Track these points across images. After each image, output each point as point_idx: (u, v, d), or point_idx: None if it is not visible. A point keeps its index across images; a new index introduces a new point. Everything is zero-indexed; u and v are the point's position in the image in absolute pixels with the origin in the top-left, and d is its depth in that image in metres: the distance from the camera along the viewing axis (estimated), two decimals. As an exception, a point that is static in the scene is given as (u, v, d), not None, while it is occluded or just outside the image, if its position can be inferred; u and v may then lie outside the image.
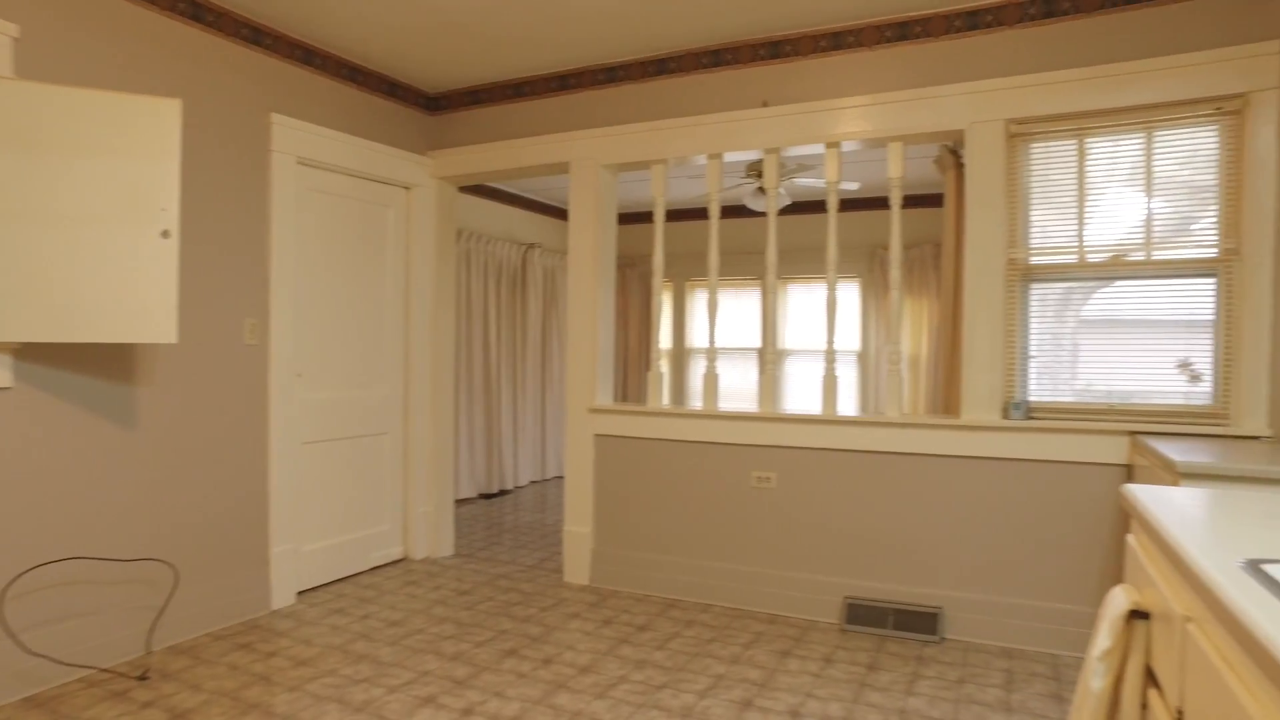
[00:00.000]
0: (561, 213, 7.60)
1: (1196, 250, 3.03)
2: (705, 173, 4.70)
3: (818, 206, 6.95)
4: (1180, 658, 1.09)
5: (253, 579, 3.53)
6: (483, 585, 4.02)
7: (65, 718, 2.55)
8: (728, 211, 7.34)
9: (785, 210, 7.07)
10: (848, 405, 7.01)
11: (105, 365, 2.96)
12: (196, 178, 3.27)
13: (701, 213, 7.55)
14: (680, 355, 7.83)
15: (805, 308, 7.24)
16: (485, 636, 3.31)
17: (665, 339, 7.85)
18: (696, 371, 7.78)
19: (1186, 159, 3.05)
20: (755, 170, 5.17)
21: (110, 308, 2.65)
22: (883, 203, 6.67)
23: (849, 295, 7.00)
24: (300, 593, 3.83)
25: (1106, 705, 1.38)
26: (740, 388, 7.49)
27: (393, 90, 4.25)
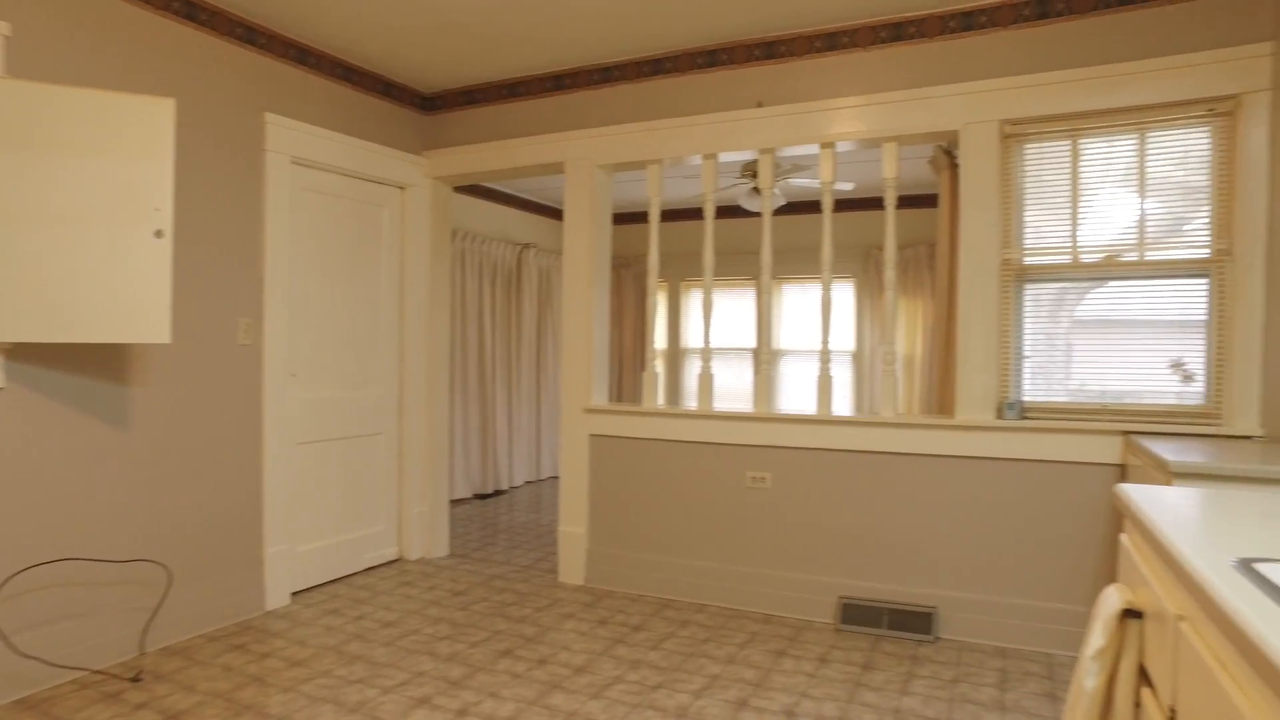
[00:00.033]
0: (557, 213, 7.60)
1: (1189, 251, 3.05)
2: (700, 173, 4.71)
3: (813, 207, 6.96)
4: (1173, 657, 1.09)
5: (247, 580, 3.52)
6: (478, 586, 4.02)
7: None
8: (723, 212, 7.35)
9: (780, 210, 7.08)
10: (843, 405, 7.02)
11: (98, 365, 2.95)
12: (190, 177, 3.26)
13: (697, 213, 7.56)
14: (675, 355, 7.83)
15: (800, 308, 7.25)
16: (480, 637, 3.31)
17: (660, 339, 7.86)
18: (691, 372, 7.79)
19: (1179, 160, 3.06)
20: (750, 170, 5.18)
21: (103, 308, 2.64)
22: (878, 203, 6.68)
23: (844, 295, 7.01)
24: (295, 593, 3.82)
25: (1100, 704, 1.38)
26: (735, 388, 7.49)
27: (388, 90, 4.25)
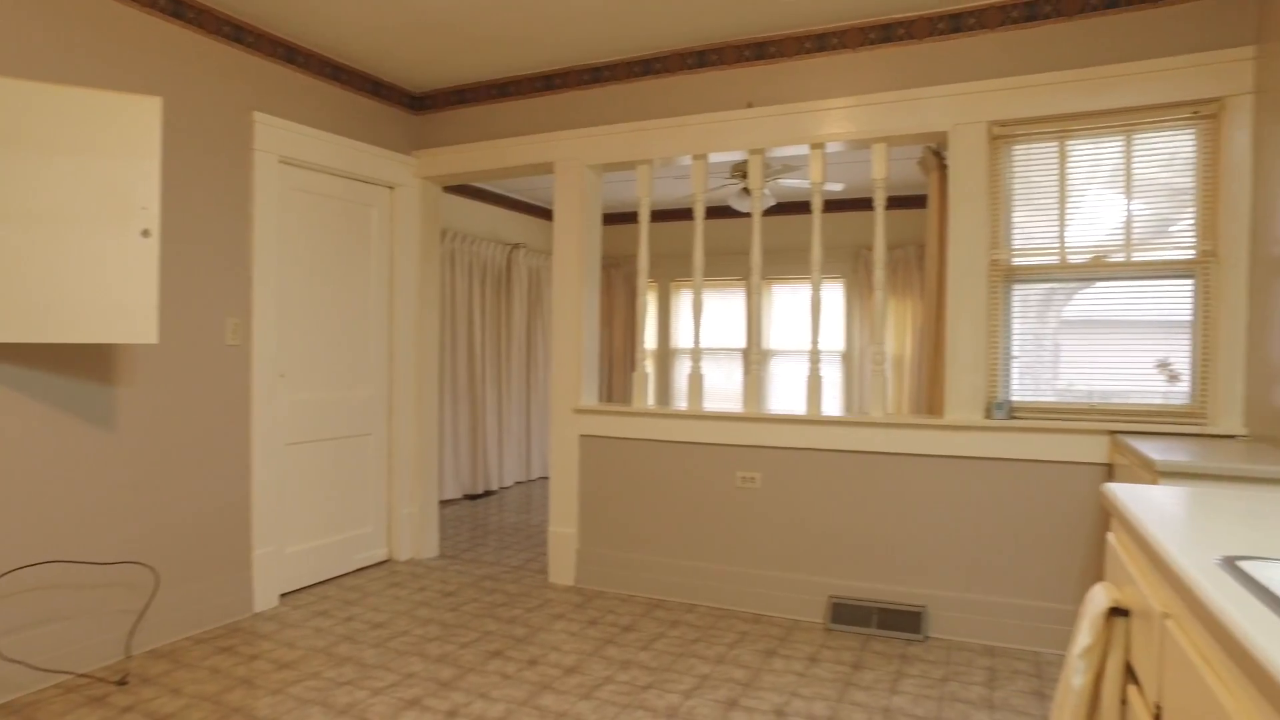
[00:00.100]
0: (546, 213, 7.59)
1: (1175, 252, 3.07)
2: (690, 173, 4.71)
3: (802, 207, 6.98)
4: (1159, 654, 1.10)
5: (235, 581, 3.50)
6: (467, 586, 4.01)
7: (43, 723, 2.52)
8: (712, 212, 7.36)
9: (770, 211, 7.10)
10: (832, 405, 7.04)
11: (84, 366, 2.93)
12: (177, 176, 3.24)
13: (686, 213, 7.57)
14: (665, 356, 7.83)
15: (790, 308, 7.26)
16: (470, 638, 3.30)
17: (650, 339, 7.85)
18: (681, 372, 7.79)
19: (1165, 162, 3.09)
20: (740, 171, 5.18)
21: (89, 308, 2.62)
22: (867, 204, 6.71)
23: (833, 296, 7.03)
24: (283, 595, 3.80)
25: (1087, 702, 1.39)
26: (725, 388, 7.50)
27: (377, 89, 4.23)
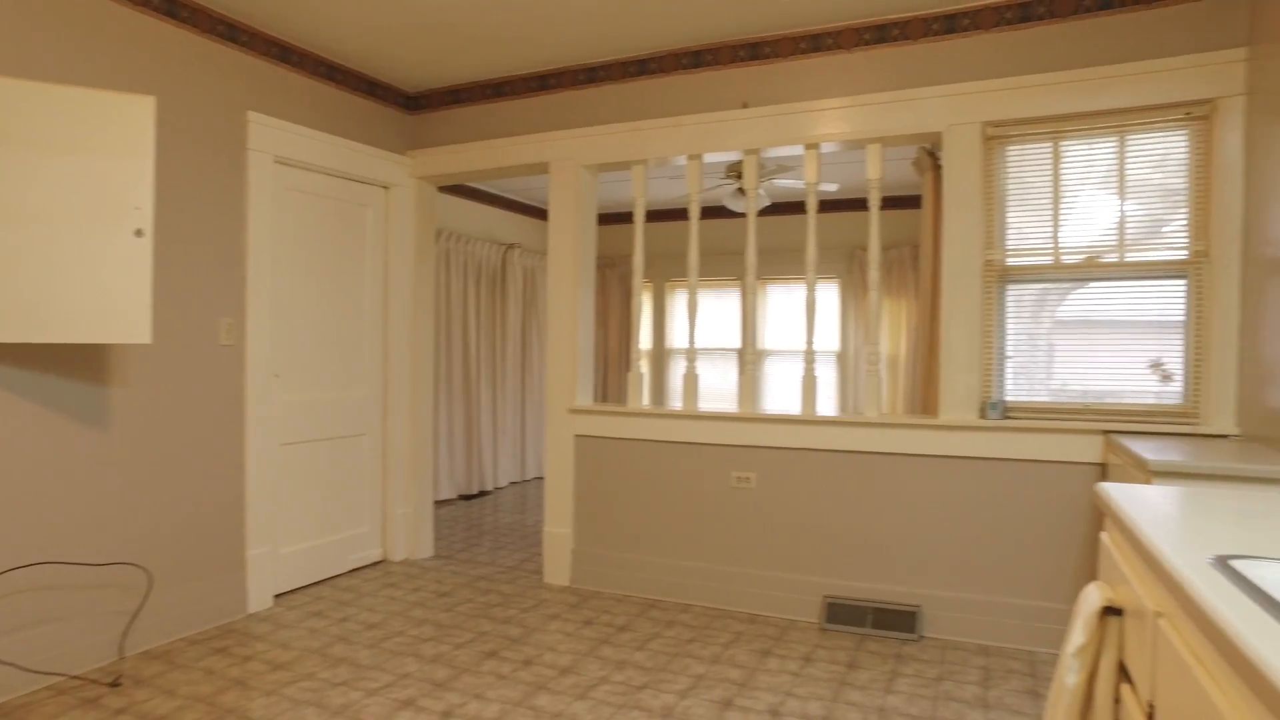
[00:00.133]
0: (541, 213, 7.58)
1: (1168, 252, 3.08)
2: (685, 173, 4.70)
3: (797, 207, 6.99)
4: (1152, 653, 1.11)
5: (229, 582, 3.49)
6: (462, 587, 4.00)
7: (35, 725, 2.51)
8: (708, 212, 7.36)
9: (765, 211, 7.10)
10: (827, 405, 7.05)
11: (77, 366, 2.91)
12: (171, 176, 3.22)
13: (681, 213, 7.57)
14: (660, 356, 7.84)
15: (785, 308, 7.27)
16: (465, 638, 3.29)
17: (645, 339, 7.86)
18: (676, 372, 7.79)
19: (1158, 163, 3.10)
20: (735, 171, 5.19)
21: (83, 307, 2.61)
22: (861, 204, 6.72)
23: (828, 296, 7.04)
24: (277, 596, 3.79)
25: (1081, 701, 1.40)
26: (720, 388, 7.51)
27: (371, 89, 4.22)
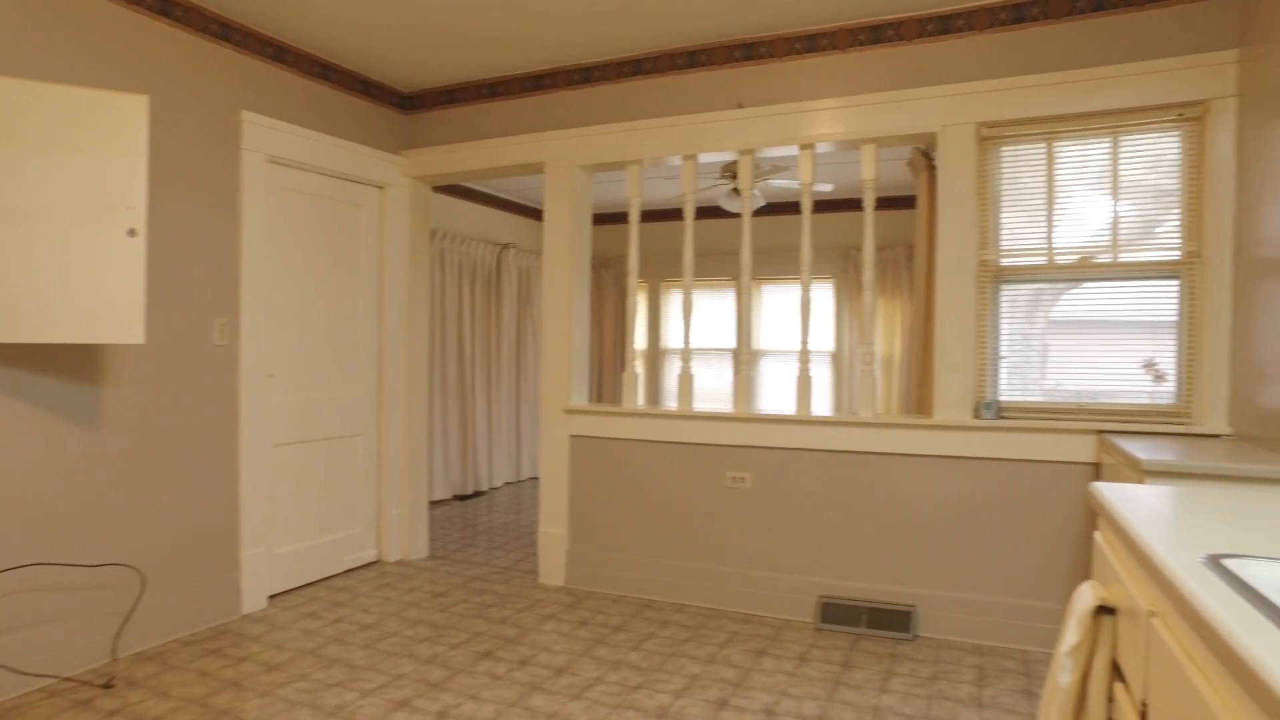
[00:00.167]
0: (537, 213, 7.58)
1: (1161, 253, 3.10)
2: (680, 173, 4.71)
3: (792, 208, 6.99)
4: (1145, 652, 1.11)
5: (223, 583, 3.47)
6: (457, 587, 4.00)
7: (28, 727, 2.50)
8: (703, 212, 7.37)
9: (760, 211, 7.11)
10: (822, 405, 7.06)
11: (70, 366, 2.90)
12: (165, 176, 3.21)
13: (677, 213, 7.57)
14: (655, 356, 7.84)
15: (780, 308, 7.28)
16: (460, 639, 3.29)
17: (640, 339, 7.86)
18: (671, 372, 7.80)
19: (1151, 164, 3.11)
20: (730, 171, 5.19)
21: (75, 307, 2.60)
22: (856, 204, 6.72)
23: (823, 296, 7.05)
24: (272, 596, 3.78)
25: (1074, 700, 1.40)
26: (715, 388, 7.51)
27: (366, 89, 4.21)
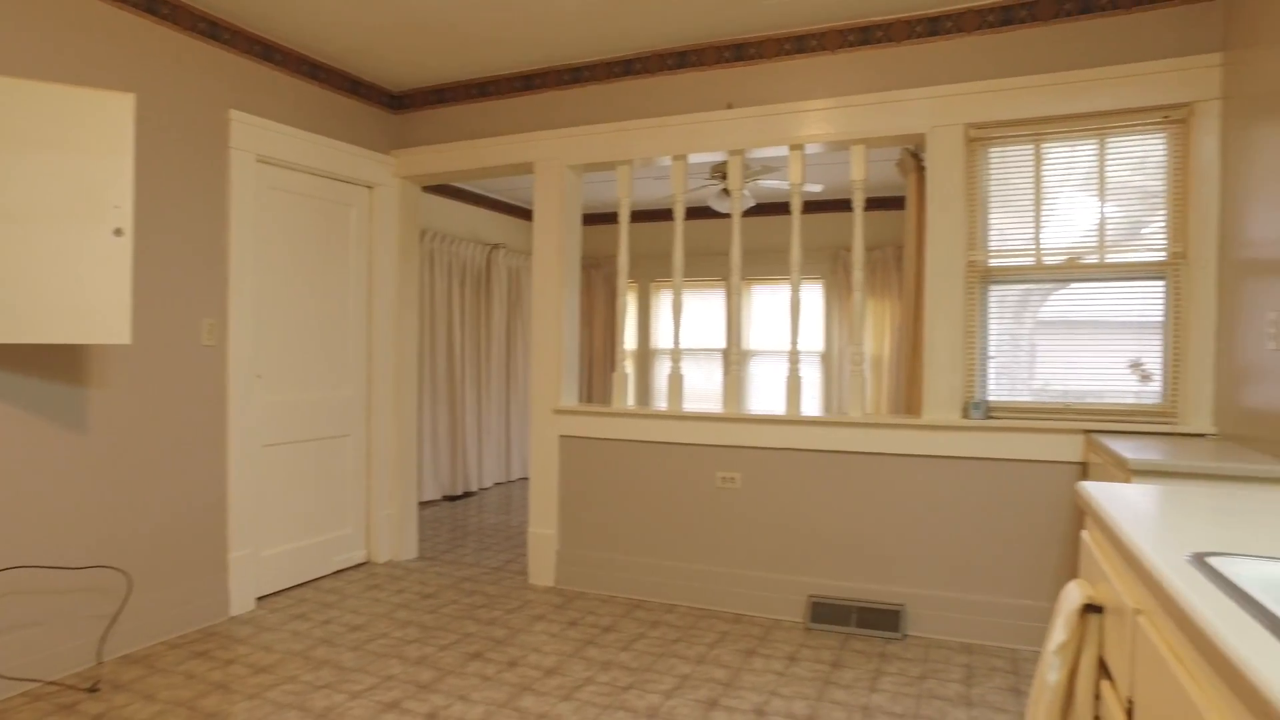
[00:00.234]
0: (526, 213, 7.56)
1: (1146, 254, 3.12)
2: (670, 174, 4.71)
3: (782, 208, 7.01)
4: (1131, 650, 1.12)
5: (210, 585, 3.45)
6: (447, 588, 3.99)
7: (12, 731, 2.47)
8: (692, 213, 7.37)
9: (749, 212, 7.12)
10: (811, 406, 7.08)
11: (55, 367, 2.88)
12: (152, 175, 3.19)
13: (666, 214, 7.57)
14: (645, 356, 7.84)
15: (769, 309, 7.29)
16: (450, 640, 3.28)
17: (630, 340, 7.86)
18: (661, 372, 7.80)
19: (1137, 165, 3.14)
20: (720, 172, 5.20)
21: (60, 307, 2.58)
22: (846, 205, 6.75)
23: (812, 296, 7.07)
24: (260, 598, 3.76)
25: (1062, 697, 1.41)
26: (705, 388, 7.52)
27: (355, 88, 4.19)
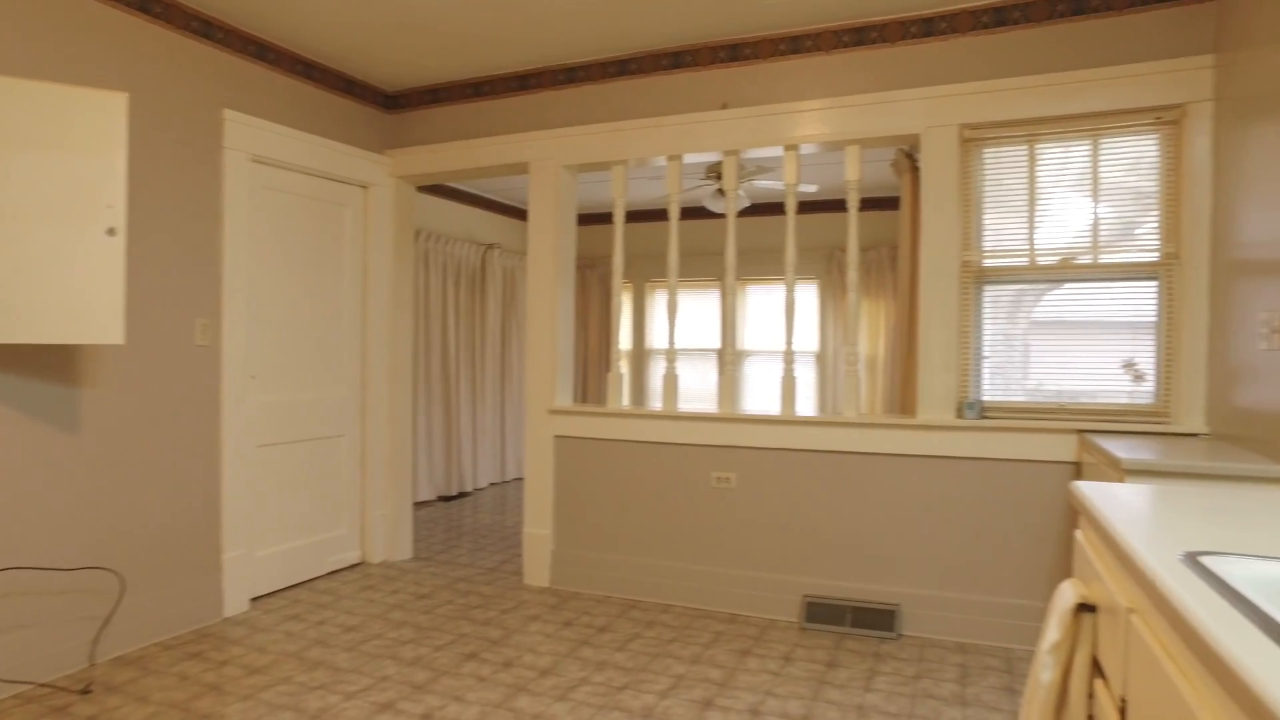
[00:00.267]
0: (521, 213, 7.56)
1: (1139, 254, 3.13)
2: (665, 174, 4.71)
3: (776, 208, 7.02)
4: (1124, 648, 1.12)
5: (204, 586, 3.44)
6: (442, 589, 3.98)
7: (4, 733, 2.46)
8: (687, 213, 7.37)
9: (744, 212, 7.12)
10: (806, 406, 7.09)
11: (48, 367, 2.86)
12: (145, 174, 3.18)
13: (661, 214, 7.57)
14: (640, 356, 7.84)
15: (764, 309, 7.30)
16: (444, 640, 3.27)
17: (625, 340, 7.85)
18: (656, 372, 7.80)
19: (1130, 166, 3.15)
20: (715, 172, 5.20)
21: (53, 308, 2.56)
22: (840, 205, 6.75)
23: (807, 296, 7.08)
24: (254, 599, 3.75)
25: (1056, 696, 1.41)
26: (700, 388, 7.52)
27: (349, 88, 4.18)
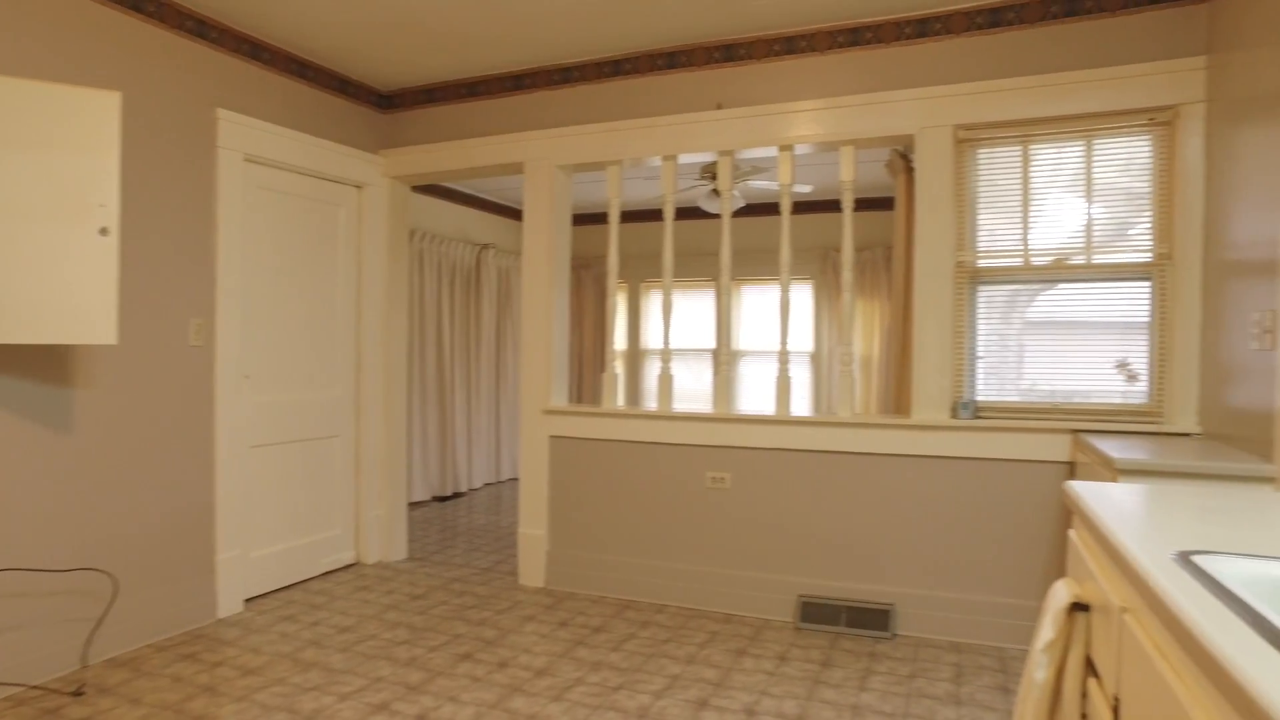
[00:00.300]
0: (516, 213, 7.55)
1: (1133, 255, 3.15)
2: (660, 174, 4.72)
3: (771, 209, 7.03)
4: (1117, 648, 1.13)
5: (197, 587, 3.43)
6: (436, 589, 3.97)
7: (-4, 735, 2.45)
8: (682, 213, 7.37)
9: (739, 212, 7.13)
10: (801, 406, 7.10)
11: (41, 368, 2.85)
12: (138, 173, 3.17)
13: (656, 214, 7.58)
14: (635, 356, 7.84)
15: (759, 309, 7.31)
16: (439, 641, 3.27)
17: (620, 340, 7.85)
18: (651, 372, 7.80)
19: (1123, 167, 3.16)
20: (710, 172, 5.21)
21: (45, 308, 2.55)
22: (835, 205, 6.77)
23: (802, 297, 7.09)
24: (248, 600, 3.74)
25: (1049, 696, 1.42)
26: (695, 389, 7.52)
27: (344, 87, 4.18)
